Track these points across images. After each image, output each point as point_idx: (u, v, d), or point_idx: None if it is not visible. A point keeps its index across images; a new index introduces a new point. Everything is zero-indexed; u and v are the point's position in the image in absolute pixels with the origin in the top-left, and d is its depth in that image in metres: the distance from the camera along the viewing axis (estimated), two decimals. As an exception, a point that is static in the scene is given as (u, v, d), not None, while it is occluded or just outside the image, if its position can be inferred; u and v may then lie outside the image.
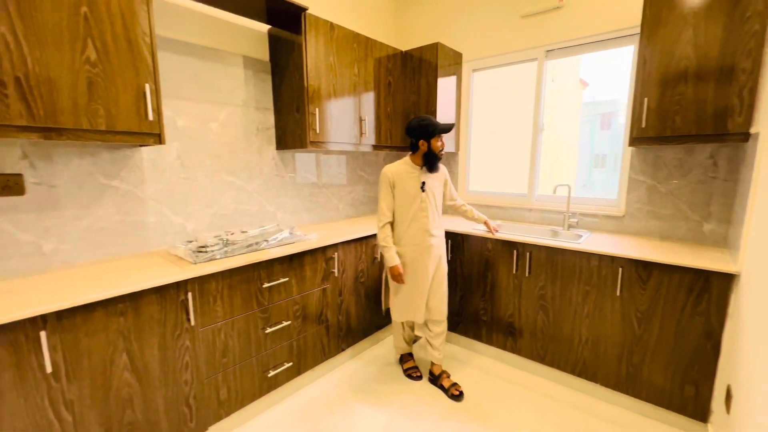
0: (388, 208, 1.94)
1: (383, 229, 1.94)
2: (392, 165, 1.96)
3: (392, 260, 1.92)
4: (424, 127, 1.88)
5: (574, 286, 1.97)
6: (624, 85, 2.22)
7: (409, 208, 1.93)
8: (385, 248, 1.93)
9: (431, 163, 1.93)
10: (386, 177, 1.93)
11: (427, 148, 1.90)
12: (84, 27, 1.32)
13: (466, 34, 2.81)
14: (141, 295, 1.37)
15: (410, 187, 1.93)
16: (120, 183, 1.73)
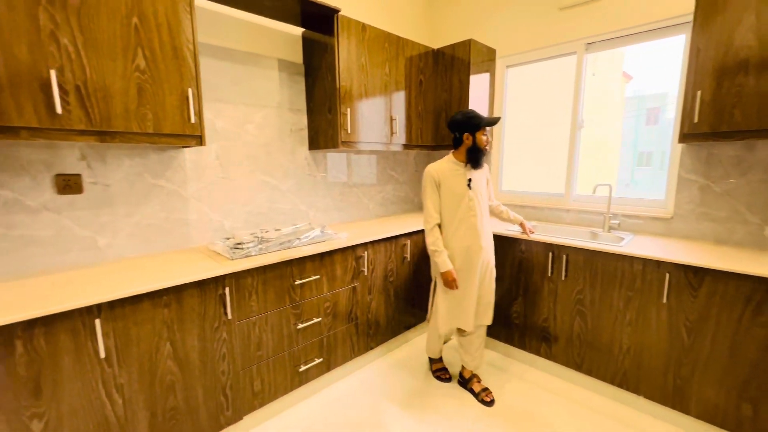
0: (435, 209, 1.85)
1: (432, 231, 1.86)
2: (435, 164, 1.88)
3: (445, 265, 1.83)
4: (469, 119, 1.80)
5: (615, 291, 1.87)
6: (674, 77, 2.07)
7: (457, 208, 1.85)
8: (436, 252, 1.84)
9: (476, 158, 1.84)
10: (430, 176, 1.85)
11: (472, 143, 1.82)
12: (135, 37, 1.41)
13: (500, 30, 2.73)
14: (183, 288, 1.45)
15: (457, 186, 1.84)
16: (165, 182, 1.84)
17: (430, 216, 1.85)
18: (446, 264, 1.82)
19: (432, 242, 1.85)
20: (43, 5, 1.21)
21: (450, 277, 1.83)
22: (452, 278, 1.83)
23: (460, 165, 1.87)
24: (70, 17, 1.27)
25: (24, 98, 1.21)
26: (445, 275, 1.84)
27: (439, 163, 1.89)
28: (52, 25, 1.24)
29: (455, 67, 2.65)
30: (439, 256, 1.83)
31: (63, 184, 1.55)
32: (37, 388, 1.17)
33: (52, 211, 1.54)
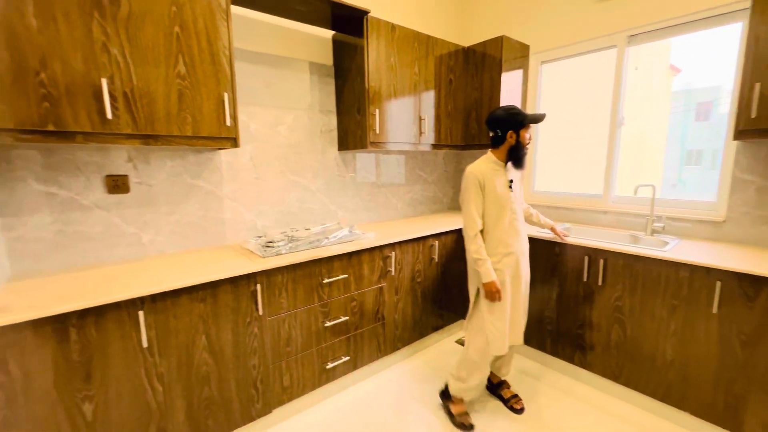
0: (479, 214, 1.68)
1: (476, 238, 1.67)
2: (476, 164, 1.73)
3: (489, 275, 1.65)
4: (513, 116, 1.66)
5: (658, 299, 1.75)
6: (728, 69, 1.91)
7: (502, 211, 1.70)
8: (480, 261, 1.66)
9: (519, 157, 1.70)
10: (474, 177, 1.67)
11: (516, 141, 1.68)
12: (176, 45, 1.49)
13: (534, 25, 2.64)
14: (218, 284, 1.51)
15: (500, 187, 1.70)
16: (203, 183, 1.94)
17: (473, 221, 1.68)
18: (490, 274, 1.65)
19: (476, 250, 1.67)
20: (96, 19, 1.31)
21: (494, 287, 1.66)
22: (496, 289, 1.66)
23: (500, 165, 1.73)
24: (120, 29, 1.36)
25: (79, 105, 1.31)
26: (489, 286, 1.66)
27: (479, 163, 1.74)
28: (104, 37, 1.33)
29: (486, 65, 2.59)
30: (483, 265, 1.66)
31: (112, 184, 1.67)
32: (88, 373, 1.26)
33: (102, 209, 1.67)
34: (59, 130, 1.28)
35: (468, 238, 1.71)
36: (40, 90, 1.24)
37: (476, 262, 1.68)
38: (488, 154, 1.77)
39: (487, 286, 1.67)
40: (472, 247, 1.68)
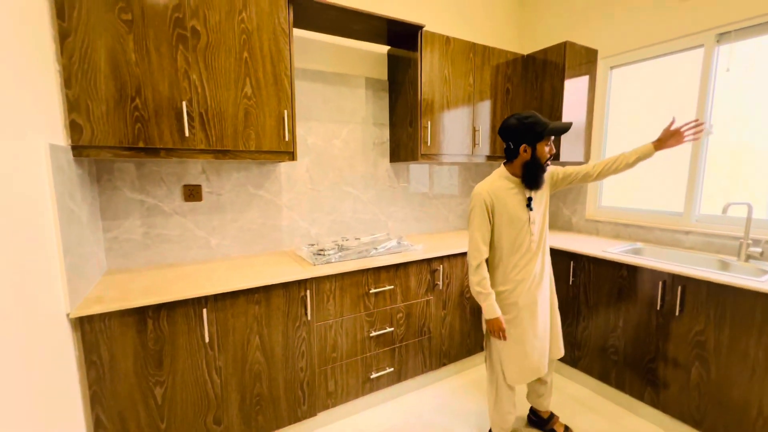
0: (484, 241, 1.48)
1: (479, 270, 1.47)
2: (485, 182, 1.51)
3: (492, 311, 1.48)
4: (528, 127, 1.42)
5: (751, 337, 1.50)
6: None
7: (518, 235, 1.49)
8: (482, 295, 1.48)
9: (535, 176, 1.47)
10: (481, 198, 1.47)
11: (531, 155, 1.45)
12: (244, 68, 1.65)
13: (602, 28, 2.46)
14: (272, 288, 1.62)
15: (514, 207, 1.48)
16: (264, 192, 2.10)
17: (477, 251, 1.48)
18: (493, 310, 1.48)
19: (478, 282, 1.48)
20: (180, 50, 1.51)
21: (498, 326, 1.49)
22: (500, 327, 1.49)
23: (515, 182, 1.51)
24: (198, 57, 1.54)
25: (163, 125, 1.50)
26: (492, 323, 1.50)
27: (489, 180, 1.52)
28: (186, 65, 1.52)
29: (547, 73, 2.46)
30: (485, 300, 1.48)
31: (188, 193, 1.88)
32: (160, 361, 1.43)
33: (180, 215, 1.88)
34: (147, 147, 1.49)
35: (470, 268, 1.51)
36: (135, 113, 1.45)
37: (478, 295, 1.50)
38: (501, 169, 1.54)
39: (489, 323, 1.51)
40: (474, 279, 1.49)
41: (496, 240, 1.52)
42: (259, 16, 1.65)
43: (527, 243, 1.52)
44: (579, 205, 2.70)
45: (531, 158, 1.46)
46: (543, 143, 1.45)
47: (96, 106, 1.38)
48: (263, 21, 1.67)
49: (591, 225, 2.62)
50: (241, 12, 1.61)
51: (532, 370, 1.57)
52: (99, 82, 1.38)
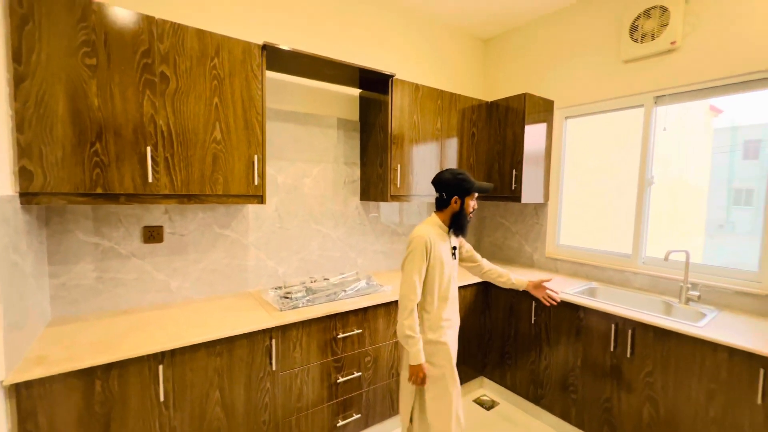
0: (419, 284, 1.52)
1: (413, 314, 1.49)
2: (424, 227, 1.59)
3: (418, 357, 1.49)
4: (460, 182, 1.58)
5: (693, 380, 1.62)
6: None
7: (443, 280, 1.58)
8: (412, 340, 1.48)
9: (461, 225, 1.61)
10: (423, 241, 1.52)
11: (460, 207, 1.60)
12: (215, 114, 1.64)
13: (558, 82, 2.68)
14: (235, 339, 1.56)
15: (444, 254, 1.59)
16: (230, 232, 2.04)
17: (413, 293, 1.50)
18: (420, 356, 1.49)
19: (410, 326, 1.49)
20: (147, 95, 1.48)
21: (422, 371, 1.49)
22: (424, 374, 1.50)
23: (445, 230, 1.63)
24: (167, 102, 1.52)
25: (125, 170, 1.45)
26: (417, 369, 1.50)
27: (427, 226, 1.60)
28: (152, 110, 1.49)
29: (509, 119, 2.63)
30: (414, 345, 1.49)
31: (148, 235, 1.80)
32: (107, 425, 1.32)
33: (138, 257, 1.79)
34: (106, 193, 1.42)
35: (404, 311, 1.51)
36: (94, 158, 1.39)
37: (408, 339, 1.49)
38: (433, 217, 1.65)
39: (413, 369, 1.51)
40: (407, 322, 1.49)
41: (428, 285, 1.56)
42: (231, 63, 1.66)
43: (453, 290, 1.64)
44: (539, 243, 2.84)
45: (459, 209, 1.61)
46: (470, 198, 1.61)
47: (50, 152, 1.32)
48: (235, 67, 1.68)
49: (551, 262, 2.75)
50: (213, 59, 1.62)
51: (462, 416, 1.63)
52: (55, 126, 1.32)
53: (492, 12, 2.71)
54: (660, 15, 2.10)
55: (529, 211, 2.91)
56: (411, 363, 1.52)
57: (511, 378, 2.44)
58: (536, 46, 2.81)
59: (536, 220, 2.86)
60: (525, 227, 2.94)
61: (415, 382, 1.53)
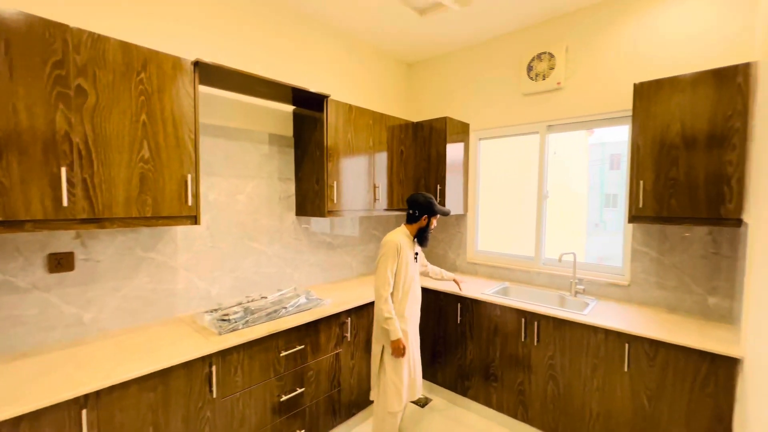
0: (392, 277, 1.94)
1: (388, 300, 1.91)
2: (395, 234, 2.00)
3: (398, 333, 1.89)
4: (430, 205, 2.04)
5: (582, 357, 2.01)
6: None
7: (407, 278, 2.00)
8: (390, 320, 1.88)
9: (426, 237, 2.06)
10: (395, 244, 1.95)
11: (426, 224, 2.04)
12: (142, 131, 1.54)
13: (472, 108, 3.05)
14: (171, 370, 1.47)
15: (409, 257, 2.01)
16: (156, 255, 1.90)
17: (387, 284, 1.92)
18: (398, 332, 1.89)
19: (387, 310, 1.89)
20: (61, 109, 1.33)
21: (402, 344, 1.89)
22: (403, 345, 1.90)
23: (410, 239, 2.06)
24: (84, 118, 1.39)
25: (32, 194, 1.29)
26: (397, 343, 1.89)
27: (397, 234, 2.01)
28: (67, 126, 1.35)
29: (433, 139, 2.91)
30: (393, 324, 1.88)
31: (55, 263, 1.59)
32: (15, 488, 1.14)
33: (41, 289, 1.57)
34: (8, 220, 1.24)
35: (380, 299, 1.91)
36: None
37: (387, 321, 1.89)
38: (402, 227, 2.08)
39: (395, 343, 1.89)
40: (385, 307, 1.90)
41: (396, 281, 1.97)
42: (160, 78, 1.58)
43: (414, 289, 2.05)
44: (462, 249, 3.17)
45: (426, 225, 2.06)
46: (434, 217, 2.07)
47: (-69, 174, 1.11)
48: (165, 83, 1.60)
49: (471, 267, 3.09)
50: (139, 73, 1.52)
51: (414, 392, 2.04)
52: (-61, 145, 1.12)
53: (414, 40, 2.97)
54: (549, 59, 2.57)
55: (451, 222, 3.22)
56: (392, 339, 1.89)
57: (441, 375, 2.68)
58: (455, 73, 3.15)
59: (458, 230, 3.18)
60: (449, 236, 3.25)
61: (397, 353, 1.90)
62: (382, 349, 1.98)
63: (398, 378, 1.95)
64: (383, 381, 1.97)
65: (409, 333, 1.99)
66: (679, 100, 1.84)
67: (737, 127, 1.69)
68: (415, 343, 2.08)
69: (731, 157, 1.70)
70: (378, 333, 2.00)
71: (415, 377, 2.05)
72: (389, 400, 1.94)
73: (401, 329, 1.93)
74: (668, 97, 1.87)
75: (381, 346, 1.98)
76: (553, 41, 2.57)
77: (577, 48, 2.47)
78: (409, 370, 2.01)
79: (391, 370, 1.95)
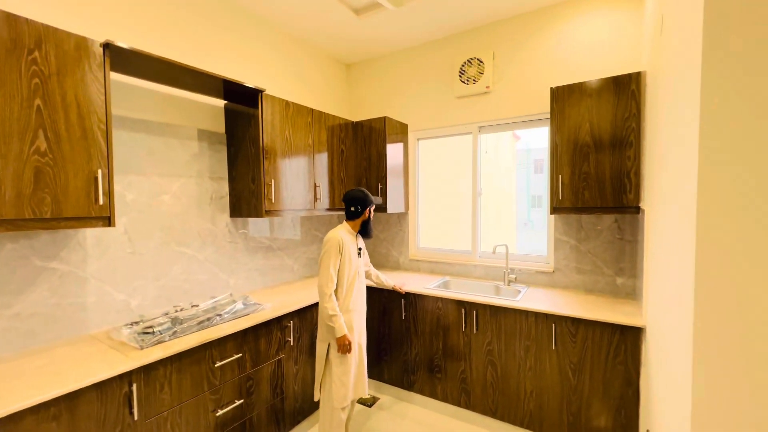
0: (335, 273, 1.93)
1: (332, 297, 1.90)
2: (336, 231, 1.99)
3: (343, 329, 1.87)
4: (368, 197, 2.08)
5: (516, 341, 2.15)
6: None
7: (350, 273, 2.00)
8: (335, 317, 1.87)
9: (369, 229, 2.10)
10: (337, 242, 1.94)
11: (368, 216, 2.08)
12: (36, 119, 1.33)
13: (410, 109, 3.14)
14: (78, 394, 1.28)
15: (352, 253, 2.02)
16: (59, 264, 1.65)
17: (330, 281, 1.90)
18: (344, 328, 1.87)
19: (332, 307, 1.88)
20: None
21: (347, 340, 1.88)
22: (348, 342, 1.89)
23: (353, 234, 2.07)
24: (-44, 100, 1.16)
25: None
26: (342, 339, 1.87)
27: (338, 231, 2.00)
28: (-71, 110, 1.11)
29: (373, 139, 2.93)
30: (338, 321, 1.87)
31: None
32: None
33: None
34: None
35: (324, 296, 1.89)
36: None
37: (332, 318, 1.87)
38: (344, 224, 2.08)
39: (340, 339, 1.88)
40: (329, 305, 1.88)
41: (340, 277, 1.96)
42: (60, 58, 1.38)
43: (358, 282, 2.05)
44: (404, 247, 3.23)
45: (368, 217, 2.09)
46: (372, 208, 2.11)
47: None
48: (66, 65, 1.40)
49: (414, 264, 3.17)
50: (32, 51, 1.31)
51: (359, 390, 2.01)
52: None
53: (352, 41, 2.98)
54: (478, 65, 2.74)
55: (393, 220, 3.27)
56: (337, 335, 1.87)
57: (388, 372, 2.69)
58: (393, 75, 3.22)
59: (400, 228, 3.24)
60: (391, 234, 3.29)
61: (342, 350, 1.88)
62: (328, 347, 1.94)
63: (345, 374, 1.93)
64: (329, 378, 1.93)
65: (354, 327, 1.99)
66: (588, 103, 2.07)
67: (633, 127, 1.95)
68: (361, 336, 2.06)
69: (630, 153, 1.96)
70: (323, 331, 1.96)
71: (363, 371, 2.04)
72: (336, 395, 1.91)
73: (346, 323, 1.93)
74: (579, 100, 2.10)
75: (327, 344, 1.94)
76: (481, 48, 2.75)
77: (502, 55, 2.68)
78: (357, 364, 2.00)
79: (337, 367, 1.92)
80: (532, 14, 2.55)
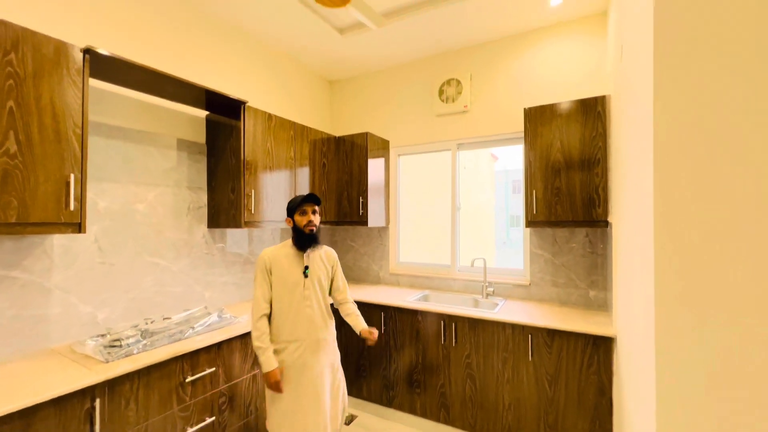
0: (264, 299, 1.68)
1: (258, 324, 1.64)
2: (271, 248, 1.77)
3: (268, 364, 1.60)
4: (289, 206, 1.80)
5: (494, 353, 2.17)
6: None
7: (291, 297, 1.70)
8: (261, 349, 1.61)
9: (301, 240, 1.75)
10: (262, 261, 1.71)
11: (293, 225, 1.77)
12: (8, 120, 1.29)
13: (392, 125, 3.22)
14: (35, 410, 1.20)
15: (290, 273, 1.71)
16: (20, 273, 1.57)
17: (257, 305, 1.67)
18: (270, 364, 1.60)
19: (256, 336, 1.63)
20: None
21: (273, 378, 1.60)
22: (275, 380, 1.60)
23: (294, 250, 1.77)
24: None
25: None
26: (268, 377, 1.60)
27: (276, 247, 1.78)
28: None
29: (355, 153, 2.98)
30: (262, 354, 1.61)
31: None
32: None
33: None
34: None
35: (251, 322, 1.69)
36: None
37: (257, 349, 1.62)
38: (288, 240, 1.82)
39: (265, 376, 1.62)
40: (254, 334, 1.64)
41: (275, 300, 1.71)
42: (37, 61, 1.36)
43: (302, 307, 1.71)
44: (384, 261, 3.24)
45: (294, 226, 1.78)
46: (297, 214, 1.76)
47: None
48: (44, 68, 1.38)
49: (394, 278, 3.17)
50: (8, 53, 1.29)
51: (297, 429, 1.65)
52: None
53: (336, 59, 3.06)
54: (457, 85, 2.86)
55: (374, 234, 3.29)
56: (263, 371, 1.62)
57: (366, 388, 2.64)
58: (375, 92, 3.31)
59: (380, 242, 3.26)
60: (371, 248, 3.30)
61: (270, 387, 1.63)
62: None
63: (280, 414, 1.66)
64: (267, 408, 1.72)
65: (297, 362, 1.67)
66: (559, 123, 2.19)
67: (600, 146, 2.07)
68: (310, 372, 1.68)
69: (597, 170, 2.08)
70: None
71: (311, 415, 1.66)
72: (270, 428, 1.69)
73: (286, 358, 1.66)
74: (550, 120, 2.22)
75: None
76: (459, 69, 2.88)
77: (479, 76, 2.81)
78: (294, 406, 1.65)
79: (270, 404, 1.70)
80: (506, 39, 2.71)
